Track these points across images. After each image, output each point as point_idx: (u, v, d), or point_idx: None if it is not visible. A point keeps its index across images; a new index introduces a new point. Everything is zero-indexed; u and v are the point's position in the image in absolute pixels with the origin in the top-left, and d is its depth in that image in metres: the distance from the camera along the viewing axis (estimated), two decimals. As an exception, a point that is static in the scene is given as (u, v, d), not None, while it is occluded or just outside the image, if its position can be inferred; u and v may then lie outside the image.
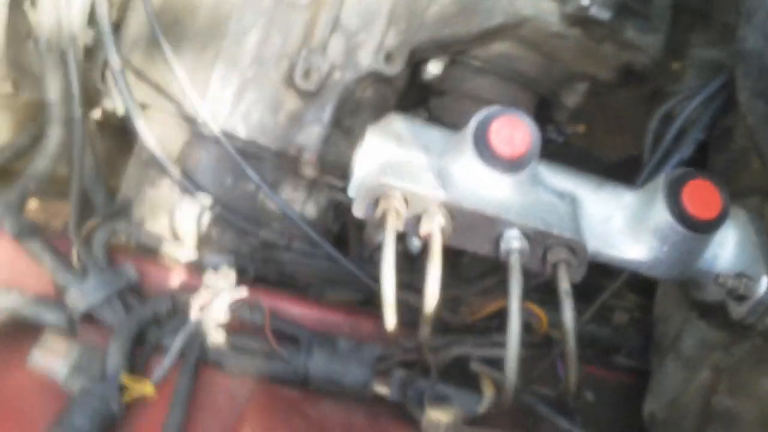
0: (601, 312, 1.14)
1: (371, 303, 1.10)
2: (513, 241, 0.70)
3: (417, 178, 0.70)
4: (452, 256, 0.79)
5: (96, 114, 1.20)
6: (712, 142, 0.94)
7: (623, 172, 1.62)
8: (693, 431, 0.84)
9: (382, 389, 0.95)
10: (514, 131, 0.71)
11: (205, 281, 0.96)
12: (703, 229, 0.73)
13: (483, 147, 0.70)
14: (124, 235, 1.05)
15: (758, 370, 0.76)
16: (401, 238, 0.88)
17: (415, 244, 0.95)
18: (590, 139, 1.65)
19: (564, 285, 0.68)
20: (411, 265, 1.09)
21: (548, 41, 1.18)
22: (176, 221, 1.09)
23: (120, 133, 1.16)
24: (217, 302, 0.93)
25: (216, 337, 0.92)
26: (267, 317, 0.94)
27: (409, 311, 1.09)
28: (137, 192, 1.13)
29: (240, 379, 0.91)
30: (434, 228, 0.68)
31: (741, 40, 0.88)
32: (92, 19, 1.08)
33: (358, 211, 0.72)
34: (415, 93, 1.30)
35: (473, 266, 1.08)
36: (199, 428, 0.83)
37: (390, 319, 0.67)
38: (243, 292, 0.94)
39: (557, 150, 1.55)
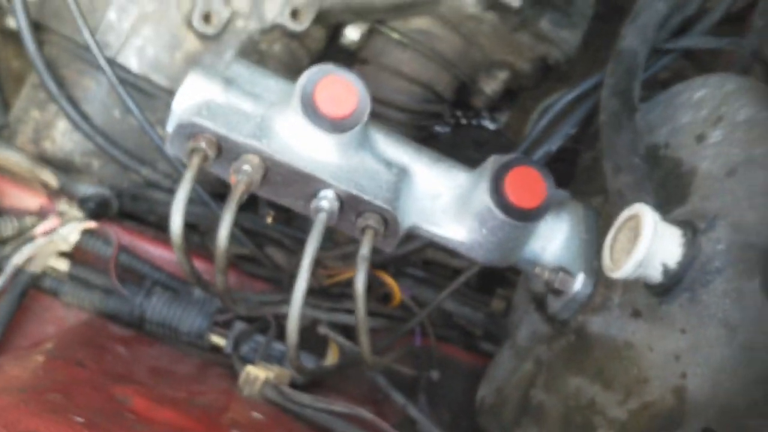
0: (482, 297, 1.14)
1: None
2: (323, 201, 0.68)
3: (235, 124, 0.69)
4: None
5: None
6: (583, 139, 0.93)
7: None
8: (511, 421, 0.83)
9: (219, 341, 0.95)
10: (342, 91, 0.69)
11: (59, 207, 0.95)
12: (521, 217, 0.72)
13: (308, 103, 0.69)
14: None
15: (568, 368, 0.76)
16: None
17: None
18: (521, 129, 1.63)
19: (363, 251, 0.67)
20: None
21: (465, 23, 1.17)
22: (56, 145, 1.08)
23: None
24: (64, 229, 0.92)
25: (56, 264, 0.91)
26: (114, 251, 0.93)
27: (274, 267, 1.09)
28: (24, 112, 1.12)
29: (74, 312, 0.90)
30: (242, 176, 0.67)
31: (620, 38, 0.87)
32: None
33: (171, 148, 0.71)
34: (337, 58, 1.29)
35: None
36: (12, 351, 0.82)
37: (183, 266, 0.66)
38: (93, 223, 0.93)
39: (488, 137, 1.54)
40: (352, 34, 1.21)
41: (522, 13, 1.12)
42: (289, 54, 1.17)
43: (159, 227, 1.08)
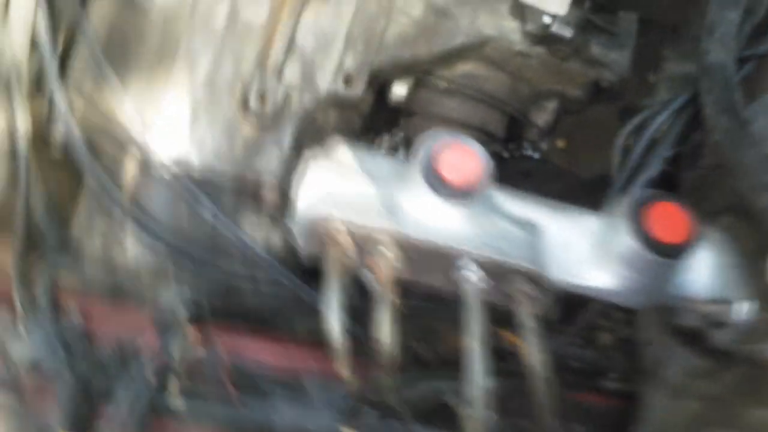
0: (584, 332, 1.10)
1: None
2: (468, 273, 0.65)
3: (363, 209, 0.66)
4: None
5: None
6: (682, 159, 0.91)
7: (601, 188, 1.60)
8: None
9: (352, 434, 0.90)
10: (464, 159, 0.67)
11: (156, 320, 0.91)
12: (670, 253, 0.69)
13: (432, 176, 0.66)
14: (70, 272, 1.00)
15: (747, 400, 0.72)
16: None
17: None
18: (569, 155, 1.62)
19: (527, 321, 0.63)
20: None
21: (512, 60, 1.16)
22: (129, 253, 1.04)
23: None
24: (167, 343, 0.87)
25: (168, 383, 0.86)
26: (225, 361, 0.89)
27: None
28: (88, 226, 1.08)
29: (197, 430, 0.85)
30: (384, 261, 0.63)
31: (704, 54, 0.85)
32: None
33: (302, 246, 0.67)
34: (384, 114, 1.27)
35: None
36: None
37: (343, 368, 0.63)
38: (196, 332, 0.89)
39: (533, 166, 1.52)
40: (400, 90, 1.19)
41: (573, 42, 1.11)
42: (344, 121, 1.15)
43: (252, 319, 1.04)
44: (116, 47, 1.03)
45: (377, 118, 1.27)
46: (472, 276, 0.65)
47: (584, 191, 1.59)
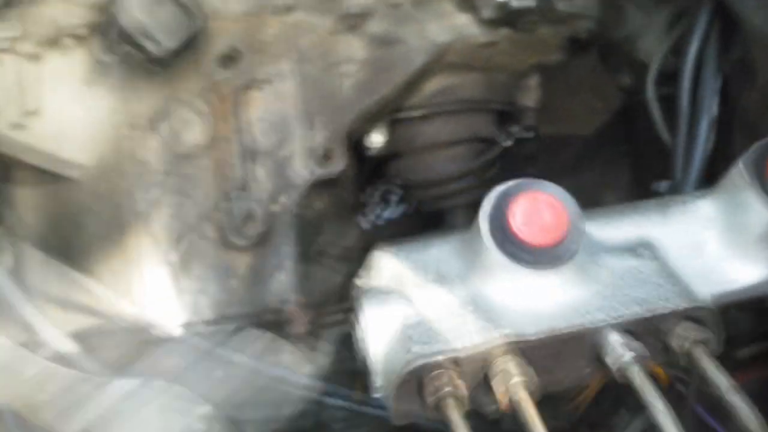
0: None
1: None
2: (619, 350, 0.50)
3: (455, 330, 0.50)
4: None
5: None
6: (731, 82, 0.76)
7: (607, 141, 1.45)
8: None
9: None
10: (539, 209, 0.52)
11: None
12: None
13: (511, 246, 0.51)
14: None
15: None
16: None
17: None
18: (555, 121, 1.47)
19: (720, 380, 0.48)
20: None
21: (478, 55, 1.01)
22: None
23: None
24: None
25: None
26: None
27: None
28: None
29: None
30: (516, 386, 0.48)
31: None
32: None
33: (401, 407, 0.51)
34: (368, 168, 1.12)
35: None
36: None
37: None
38: None
39: (534, 147, 1.37)
40: (377, 138, 1.04)
41: (537, 8, 0.96)
42: (336, 200, 1.00)
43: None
44: (63, 240, 0.87)
45: (362, 178, 1.13)
46: (625, 352, 0.49)
47: (595, 150, 1.46)
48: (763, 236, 0.55)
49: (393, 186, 1.23)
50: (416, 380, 0.50)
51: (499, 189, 0.53)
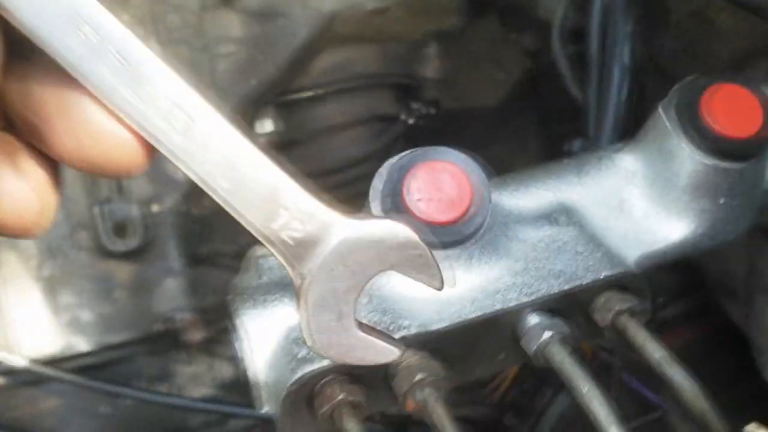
0: None
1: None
2: (536, 331, 0.43)
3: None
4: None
5: None
6: (642, 24, 0.69)
7: (515, 111, 1.40)
8: None
9: None
10: (438, 181, 0.44)
11: None
12: (752, 149, 0.49)
13: (400, 208, 0.43)
14: None
15: None
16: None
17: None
18: (457, 95, 1.41)
19: (652, 352, 0.42)
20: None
21: (369, 24, 0.94)
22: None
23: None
24: None
25: None
26: None
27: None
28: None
29: None
30: (420, 384, 0.40)
31: None
32: None
33: (289, 423, 0.43)
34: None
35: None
36: None
37: None
38: None
39: (440, 124, 1.31)
40: (266, 126, 0.95)
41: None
42: None
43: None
44: None
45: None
46: (543, 332, 0.42)
47: (503, 121, 1.40)
48: (690, 186, 0.49)
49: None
50: (306, 390, 0.42)
51: (389, 163, 0.46)
